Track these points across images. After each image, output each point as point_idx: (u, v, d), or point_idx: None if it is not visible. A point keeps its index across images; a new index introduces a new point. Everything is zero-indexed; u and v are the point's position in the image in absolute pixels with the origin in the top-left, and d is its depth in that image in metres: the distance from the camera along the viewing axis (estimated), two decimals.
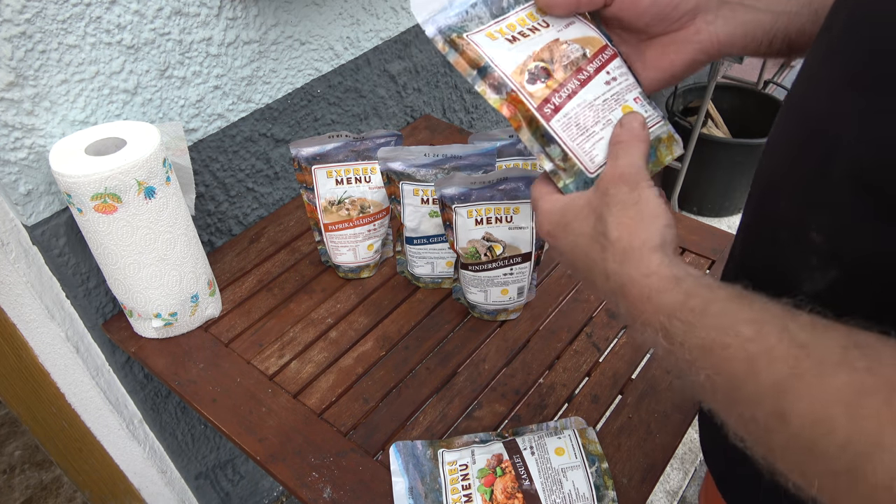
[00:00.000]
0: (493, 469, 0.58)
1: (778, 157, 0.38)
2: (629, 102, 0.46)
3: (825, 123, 0.33)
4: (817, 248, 0.33)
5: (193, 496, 1.12)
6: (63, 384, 0.85)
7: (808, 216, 0.34)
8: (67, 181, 0.61)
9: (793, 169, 0.36)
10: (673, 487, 1.44)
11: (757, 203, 0.40)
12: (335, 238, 0.81)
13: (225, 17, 0.80)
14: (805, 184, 0.34)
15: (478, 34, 0.46)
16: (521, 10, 0.47)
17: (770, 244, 0.38)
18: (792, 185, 0.36)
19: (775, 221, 0.37)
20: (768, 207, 0.38)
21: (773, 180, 0.38)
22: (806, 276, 0.34)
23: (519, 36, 0.46)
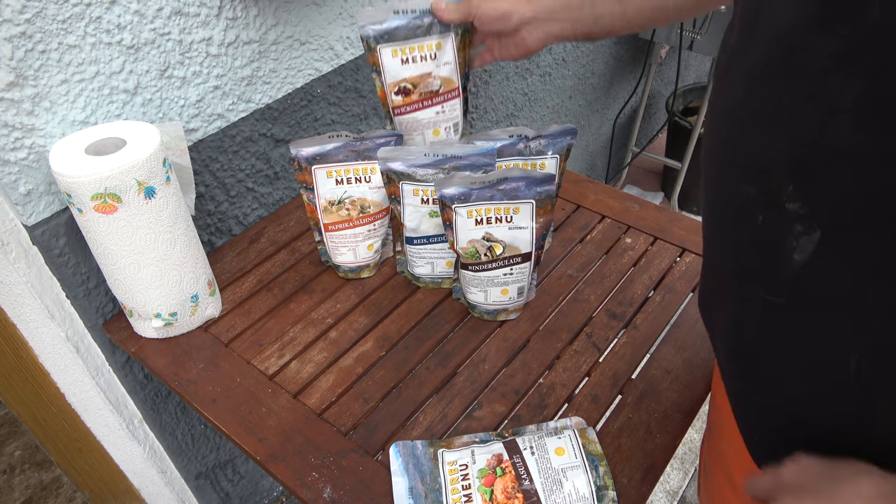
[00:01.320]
0: (493, 469, 0.58)
1: (724, 136, 0.40)
2: (440, 127, 0.80)
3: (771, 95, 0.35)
4: (798, 215, 0.35)
5: (193, 496, 1.12)
6: (63, 384, 0.85)
7: (776, 192, 0.36)
8: (67, 181, 0.61)
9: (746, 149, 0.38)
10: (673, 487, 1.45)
11: (717, 191, 0.42)
12: (335, 238, 0.81)
13: (225, 17, 0.80)
14: (755, 163, 0.37)
15: (386, 48, 0.73)
16: (430, 39, 0.73)
17: (750, 231, 0.39)
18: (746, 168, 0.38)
19: (747, 208, 0.39)
20: (733, 197, 0.40)
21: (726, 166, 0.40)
22: (794, 246, 0.36)
23: (410, 60, 0.74)
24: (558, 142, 0.76)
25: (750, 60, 0.36)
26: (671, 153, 2.13)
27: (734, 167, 0.39)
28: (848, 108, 0.31)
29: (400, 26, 0.73)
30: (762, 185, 0.37)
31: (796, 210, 0.35)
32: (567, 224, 0.93)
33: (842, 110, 0.31)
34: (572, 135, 0.76)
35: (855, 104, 0.30)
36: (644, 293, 0.81)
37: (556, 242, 0.89)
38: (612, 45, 1.81)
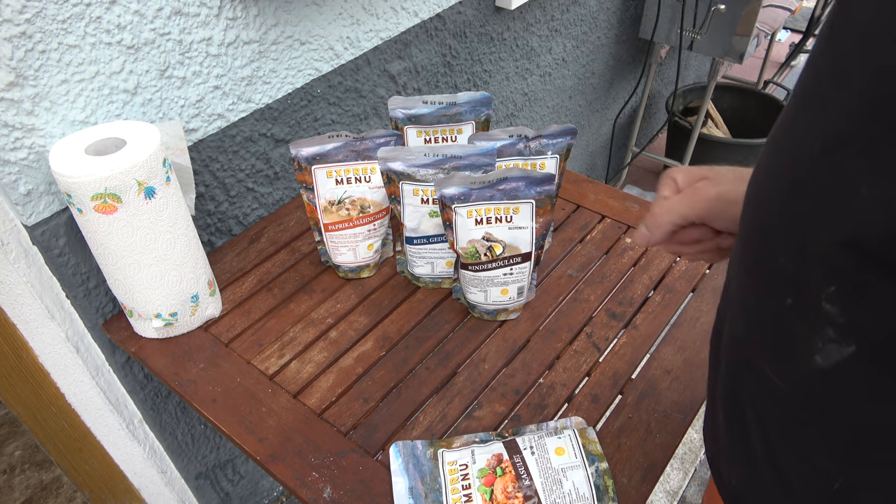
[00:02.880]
0: (493, 469, 0.58)
1: (771, 199, 0.34)
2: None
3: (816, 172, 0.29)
4: (833, 321, 0.30)
5: (193, 496, 1.12)
6: (63, 384, 0.85)
7: (815, 282, 0.30)
8: (67, 181, 0.61)
9: (785, 221, 0.32)
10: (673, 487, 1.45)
11: (749, 251, 0.36)
12: (335, 238, 0.81)
13: (225, 17, 0.80)
14: (803, 244, 0.31)
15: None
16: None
17: (774, 307, 0.34)
18: (789, 243, 0.32)
19: (778, 282, 0.33)
20: (767, 263, 0.34)
21: (765, 229, 0.34)
22: (819, 348, 0.31)
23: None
24: (558, 142, 0.76)
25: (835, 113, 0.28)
26: (671, 153, 2.13)
27: (781, 228, 0.32)
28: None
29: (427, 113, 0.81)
30: (803, 267, 0.31)
31: (833, 315, 0.30)
32: (567, 224, 0.93)
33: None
34: (572, 135, 0.76)
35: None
36: (644, 293, 0.81)
37: (556, 242, 0.89)
38: (612, 45, 1.81)
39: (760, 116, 2.13)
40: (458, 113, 0.82)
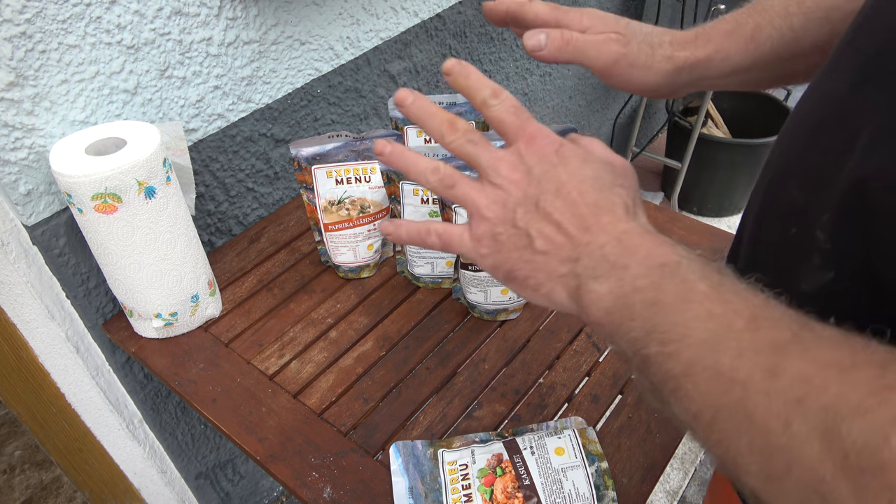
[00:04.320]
0: (493, 469, 0.58)
1: (794, 140, 0.37)
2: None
3: (843, 109, 0.32)
4: (820, 247, 0.32)
5: (193, 496, 1.12)
6: (63, 384, 0.85)
7: (815, 209, 0.33)
8: (67, 181, 0.61)
9: (802, 156, 0.35)
10: (673, 487, 1.45)
11: (770, 188, 0.39)
12: (335, 238, 0.81)
13: (225, 17, 0.80)
14: (814, 175, 0.33)
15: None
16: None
17: (779, 236, 0.37)
18: (804, 171, 0.35)
19: (788, 211, 0.36)
20: (780, 192, 0.37)
21: (786, 167, 0.37)
22: (805, 274, 0.34)
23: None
24: None
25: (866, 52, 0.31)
26: (671, 153, 2.13)
27: (800, 166, 0.35)
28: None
29: None
30: (812, 198, 0.33)
31: (821, 242, 0.32)
32: None
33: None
34: (573, 132, 0.76)
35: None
36: None
37: None
38: None
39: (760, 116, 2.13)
40: (458, 113, 0.82)
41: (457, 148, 0.38)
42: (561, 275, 0.35)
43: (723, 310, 0.29)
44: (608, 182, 0.37)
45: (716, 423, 0.27)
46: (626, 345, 0.32)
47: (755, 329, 0.28)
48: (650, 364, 0.30)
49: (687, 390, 0.28)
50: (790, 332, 0.27)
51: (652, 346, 0.30)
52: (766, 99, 2.19)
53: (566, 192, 0.36)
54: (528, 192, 0.36)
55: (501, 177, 0.37)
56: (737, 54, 0.49)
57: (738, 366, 0.27)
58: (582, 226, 0.35)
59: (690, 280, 0.31)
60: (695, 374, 0.28)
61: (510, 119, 0.38)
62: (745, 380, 0.26)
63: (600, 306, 0.33)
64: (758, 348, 0.27)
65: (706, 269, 0.31)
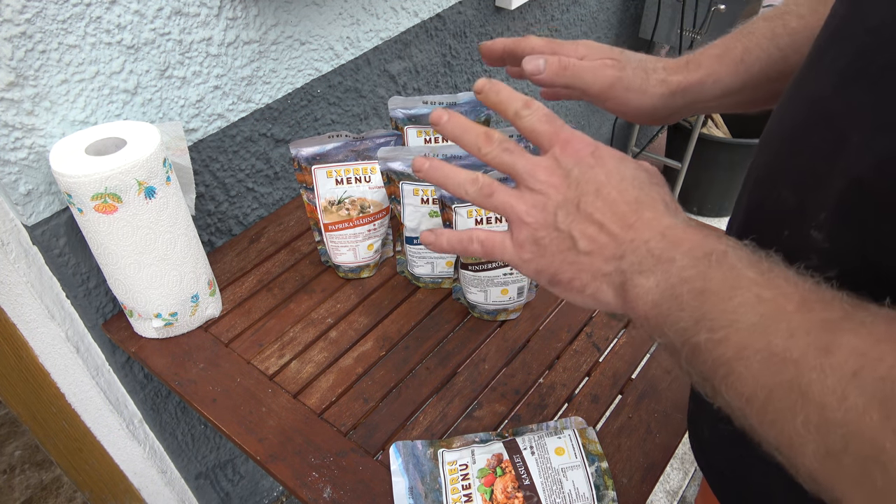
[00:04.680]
0: (493, 469, 0.58)
1: (779, 143, 0.37)
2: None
3: (828, 109, 0.32)
4: (818, 247, 0.32)
5: (193, 496, 1.12)
6: (63, 384, 0.85)
7: (809, 210, 0.33)
8: (68, 181, 0.61)
9: (791, 158, 0.35)
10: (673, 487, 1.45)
11: (755, 191, 0.39)
12: (335, 238, 0.81)
13: (225, 17, 0.80)
14: (805, 176, 0.34)
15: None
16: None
17: (771, 240, 0.37)
18: (794, 172, 0.35)
19: (778, 213, 0.36)
20: (769, 198, 0.37)
21: (773, 167, 0.37)
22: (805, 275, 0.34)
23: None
24: None
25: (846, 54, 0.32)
26: (671, 153, 2.13)
27: (788, 166, 0.36)
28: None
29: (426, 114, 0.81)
30: (804, 199, 0.33)
31: (819, 241, 0.32)
32: None
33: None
34: None
35: None
36: None
37: None
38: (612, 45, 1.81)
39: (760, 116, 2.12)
40: (460, 112, 0.82)
41: (494, 158, 0.39)
42: (606, 273, 0.36)
43: (772, 294, 0.29)
44: (646, 180, 0.37)
45: (770, 403, 0.27)
46: (675, 335, 0.32)
47: (807, 311, 0.28)
48: (700, 352, 0.30)
49: (739, 374, 0.28)
50: (842, 311, 0.27)
51: (702, 334, 0.30)
52: None
53: (606, 192, 0.36)
54: (567, 195, 0.37)
55: (540, 181, 0.37)
56: (727, 76, 0.51)
57: (790, 346, 0.27)
58: (625, 223, 0.35)
59: (738, 267, 0.31)
60: (746, 357, 0.28)
61: (543, 127, 0.39)
62: (798, 358, 0.26)
63: (647, 299, 0.33)
64: (809, 328, 0.27)
65: (753, 257, 0.31)
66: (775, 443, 0.28)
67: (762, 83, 0.51)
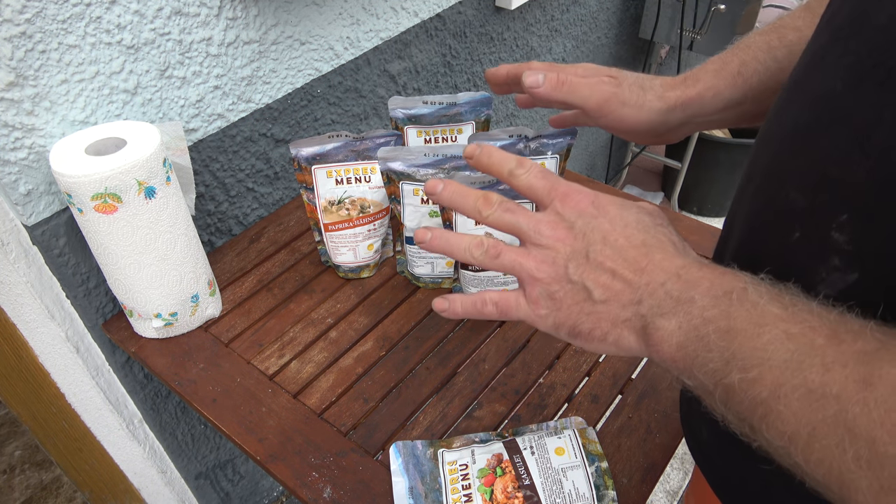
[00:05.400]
0: (493, 469, 0.58)
1: (780, 143, 0.36)
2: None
3: (839, 107, 0.31)
4: (840, 248, 0.32)
5: (193, 496, 1.12)
6: (63, 384, 0.85)
7: (826, 210, 0.32)
8: (68, 181, 0.61)
9: (798, 158, 0.34)
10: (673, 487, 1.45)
11: (759, 192, 0.39)
12: (335, 238, 0.81)
13: (225, 17, 0.80)
14: (817, 176, 0.33)
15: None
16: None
17: (780, 242, 0.36)
18: (802, 172, 0.34)
19: (787, 214, 0.35)
20: (776, 198, 0.37)
21: (777, 169, 0.37)
22: (824, 278, 0.33)
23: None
24: (558, 142, 0.76)
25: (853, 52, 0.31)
26: (671, 153, 2.13)
27: (794, 166, 0.35)
28: None
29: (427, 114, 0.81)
30: (816, 199, 0.32)
31: (841, 243, 0.31)
32: None
33: None
34: (572, 135, 0.76)
35: None
36: None
37: None
38: (612, 45, 1.81)
39: None
40: (458, 113, 0.82)
41: (495, 220, 0.39)
42: (626, 319, 0.35)
43: (800, 329, 0.28)
44: (650, 223, 0.38)
45: (814, 440, 0.27)
46: (706, 377, 0.31)
47: (838, 343, 0.27)
48: (734, 393, 0.30)
49: (779, 412, 0.28)
50: (875, 341, 0.27)
51: (734, 374, 0.30)
52: None
53: (613, 239, 0.36)
54: (575, 246, 0.37)
55: (545, 237, 0.37)
56: (727, 89, 0.51)
57: (827, 381, 0.26)
58: (637, 267, 0.35)
59: (760, 304, 0.30)
60: (784, 395, 0.28)
61: (540, 183, 0.39)
62: (839, 393, 0.26)
63: (672, 342, 0.33)
64: (845, 361, 0.26)
65: (774, 291, 0.31)
66: (824, 481, 0.27)
67: (763, 95, 0.51)
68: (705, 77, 0.52)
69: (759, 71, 0.51)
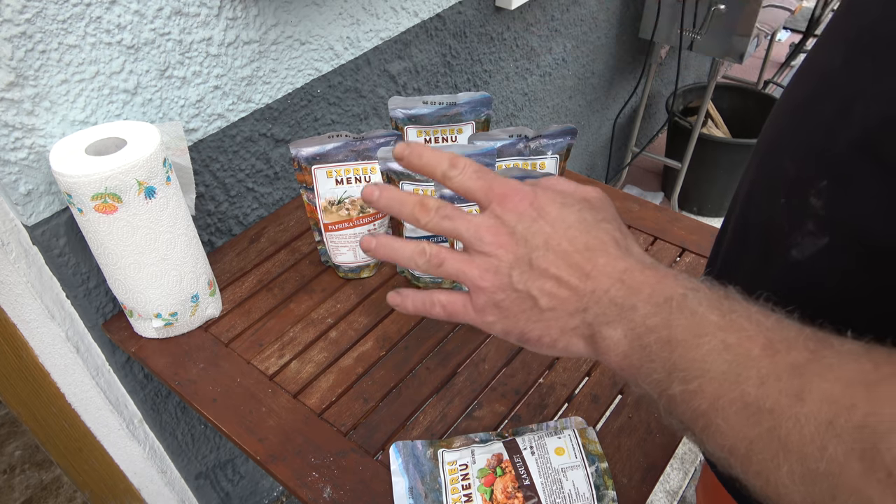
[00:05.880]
0: (493, 469, 0.58)
1: (783, 117, 0.37)
2: None
3: (835, 81, 0.32)
4: (815, 213, 0.33)
5: (193, 496, 1.12)
6: (63, 384, 0.85)
7: (809, 178, 0.33)
8: (68, 181, 0.61)
9: (794, 130, 0.35)
10: (673, 487, 1.45)
11: (760, 167, 0.40)
12: (335, 238, 0.81)
13: (225, 17, 0.80)
14: (809, 143, 0.34)
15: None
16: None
17: (768, 205, 0.37)
18: (796, 144, 0.35)
19: (777, 181, 0.36)
20: (770, 167, 0.37)
21: (777, 139, 0.37)
22: (797, 241, 0.34)
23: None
24: (558, 142, 0.76)
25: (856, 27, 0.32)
26: (671, 153, 2.13)
27: (790, 139, 0.36)
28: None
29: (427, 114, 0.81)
30: (805, 168, 0.34)
31: (817, 208, 0.32)
32: None
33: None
34: (572, 135, 0.76)
35: None
36: None
37: None
38: (612, 45, 1.81)
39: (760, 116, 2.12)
40: (458, 113, 0.82)
41: (434, 227, 0.38)
42: (573, 327, 0.35)
43: (737, 338, 0.29)
44: (591, 221, 0.37)
45: (752, 454, 0.27)
46: (650, 387, 0.32)
47: (772, 354, 0.28)
48: (676, 404, 0.30)
49: (718, 425, 0.28)
50: (808, 352, 0.27)
51: (675, 386, 0.30)
52: (766, 99, 2.19)
53: (556, 244, 0.35)
54: (518, 253, 0.36)
55: (486, 244, 0.37)
56: None
57: (762, 394, 0.27)
58: (581, 273, 0.35)
59: (700, 312, 0.31)
60: (722, 407, 0.28)
61: (476, 184, 0.38)
62: (773, 407, 0.26)
63: (618, 351, 0.33)
64: (779, 373, 0.27)
65: (713, 297, 0.31)
66: (762, 493, 0.28)
67: None
68: None
69: None
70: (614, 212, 0.40)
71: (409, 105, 0.81)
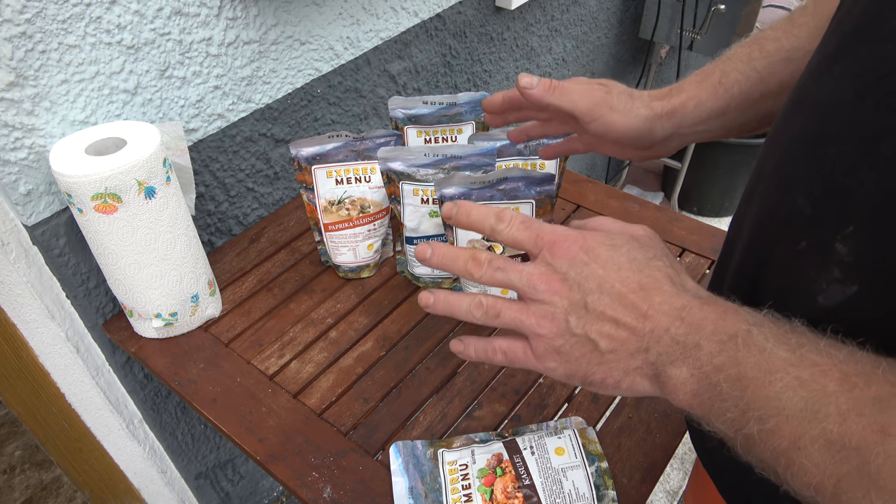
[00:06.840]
0: (493, 469, 0.58)
1: (788, 147, 0.36)
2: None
3: (854, 122, 0.31)
4: (840, 260, 0.31)
5: (193, 496, 1.12)
6: (63, 384, 0.85)
7: (831, 223, 0.32)
8: (68, 181, 0.61)
9: (806, 166, 0.34)
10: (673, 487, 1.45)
11: (766, 198, 0.38)
12: (335, 238, 0.81)
13: (225, 17, 0.80)
14: (825, 186, 0.32)
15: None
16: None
17: (785, 249, 0.36)
18: (808, 179, 0.34)
19: (793, 222, 0.35)
20: (783, 205, 0.36)
21: (785, 174, 0.36)
22: (823, 289, 0.33)
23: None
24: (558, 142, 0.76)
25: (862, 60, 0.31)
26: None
27: (802, 173, 0.34)
28: None
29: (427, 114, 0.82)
30: (823, 209, 0.32)
31: (843, 254, 0.31)
32: (567, 224, 0.93)
33: None
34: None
35: None
36: None
37: None
38: (612, 45, 1.81)
39: None
40: (458, 113, 0.82)
41: (488, 280, 0.39)
42: (636, 367, 0.35)
43: (810, 374, 0.28)
44: (642, 259, 0.37)
45: (841, 492, 0.27)
46: (725, 426, 0.31)
47: (850, 388, 0.27)
48: (755, 443, 0.30)
49: (802, 464, 0.28)
50: (888, 385, 0.26)
51: (751, 425, 0.30)
52: None
53: (609, 286, 0.36)
54: (572, 298, 0.36)
55: (540, 291, 0.37)
56: (709, 99, 0.53)
57: (846, 431, 0.26)
58: (638, 314, 0.35)
59: (768, 348, 0.30)
60: (804, 446, 0.28)
61: (524, 235, 0.39)
62: (859, 445, 0.26)
63: (686, 390, 0.33)
64: (860, 409, 0.26)
65: (779, 332, 0.31)
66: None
67: (744, 104, 0.52)
68: (688, 88, 0.54)
69: (739, 81, 0.52)
70: (664, 248, 0.39)
71: (409, 105, 0.81)
